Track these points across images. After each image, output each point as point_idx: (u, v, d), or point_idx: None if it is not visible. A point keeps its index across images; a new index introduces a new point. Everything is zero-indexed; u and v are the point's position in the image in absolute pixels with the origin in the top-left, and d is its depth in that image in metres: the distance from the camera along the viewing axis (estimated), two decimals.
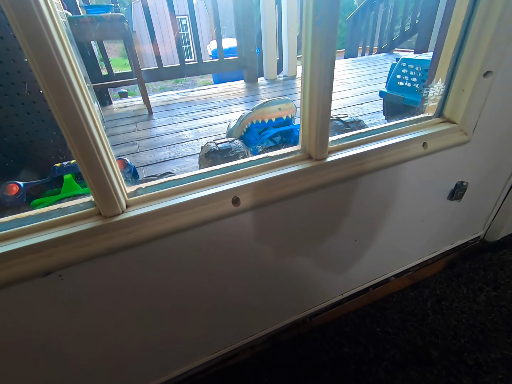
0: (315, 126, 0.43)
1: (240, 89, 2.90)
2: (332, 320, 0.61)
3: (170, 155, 1.56)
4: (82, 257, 0.33)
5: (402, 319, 0.59)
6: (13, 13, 0.24)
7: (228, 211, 0.39)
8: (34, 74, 0.29)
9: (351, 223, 0.53)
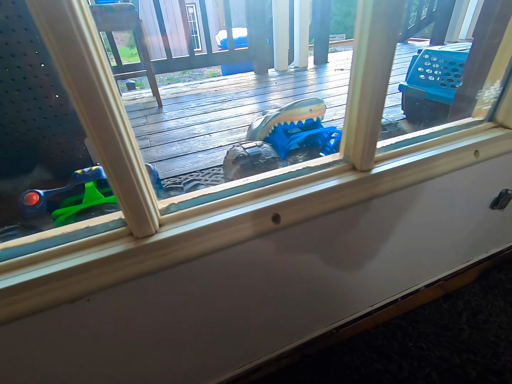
0: (364, 132, 0.38)
1: (250, 81, 2.83)
2: (361, 333, 0.58)
3: (182, 150, 1.53)
4: (113, 282, 0.30)
5: (436, 333, 0.55)
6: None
7: (268, 229, 0.36)
8: (59, 72, 0.26)
9: (392, 236, 0.49)
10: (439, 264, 0.62)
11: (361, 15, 0.30)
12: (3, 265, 0.27)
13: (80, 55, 0.24)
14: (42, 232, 0.31)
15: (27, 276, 0.27)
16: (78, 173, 0.49)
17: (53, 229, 0.31)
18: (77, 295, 0.29)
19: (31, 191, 0.44)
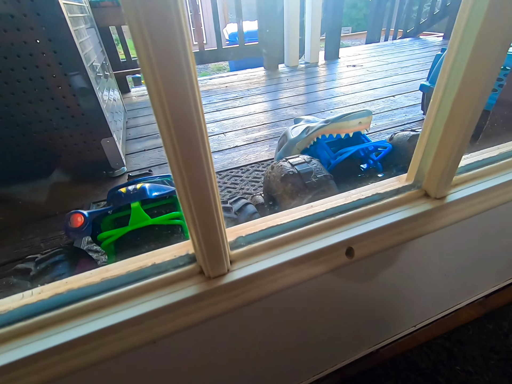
0: (448, 156, 0.33)
1: (260, 77, 2.78)
2: (404, 353, 0.56)
3: None
4: (183, 326, 0.28)
5: (483, 356, 0.53)
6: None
7: (341, 264, 0.33)
8: (157, 115, 0.24)
9: (454, 259, 0.47)
10: (482, 282, 0.60)
11: (468, 11, 0.24)
12: (70, 311, 0.25)
13: (186, 98, 0.21)
14: (104, 269, 0.28)
15: (98, 324, 0.25)
16: (123, 192, 0.47)
17: (115, 265, 0.29)
18: (144, 341, 0.27)
19: (75, 212, 0.42)
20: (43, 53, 0.97)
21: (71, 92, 1.06)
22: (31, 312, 0.25)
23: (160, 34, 0.19)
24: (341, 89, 2.23)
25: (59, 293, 0.26)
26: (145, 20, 0.18)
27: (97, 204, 1.14)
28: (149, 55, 0.20)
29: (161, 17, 0.19)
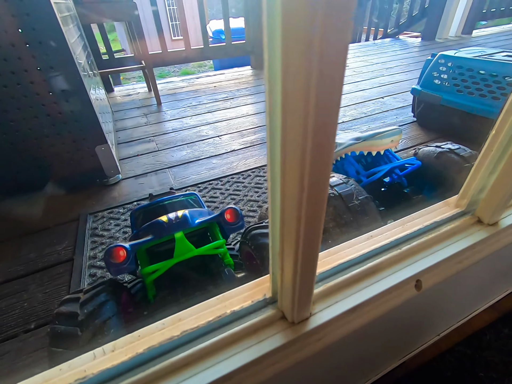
0: (510, 184, 0.34)
1: (248, 77, 2.76)
2: (429, 362, 0.58)
3: (193, 155, 1.47)
4: (270, 376, 0.27)
5: (503, 362, 0.56)
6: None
7: (410, 297, 0.33)
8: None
9: (487, 276, 0.49)
10: (498, 287, 0.63)
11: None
12: (155, 372, 0.23)
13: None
14: (176, 318, 0.26)
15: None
16: (165, 221, 0.43)
17: (187, 313, 0.27)
18: None
19: (116, 246, 0.39)
20: (33, 56, 0.90)
21: (63, 97, 1.00)
22: (109, 375, 0.23)
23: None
24: None
25: (140, 352, 0.24)
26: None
27: (94, 215, 1.09)
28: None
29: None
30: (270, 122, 0.20)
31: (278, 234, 0.22)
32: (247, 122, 1.79)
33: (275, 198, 0.22)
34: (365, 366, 0.47)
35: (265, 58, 0.18)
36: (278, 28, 0.15)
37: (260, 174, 1.27)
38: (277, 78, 0.17)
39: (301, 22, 0.14)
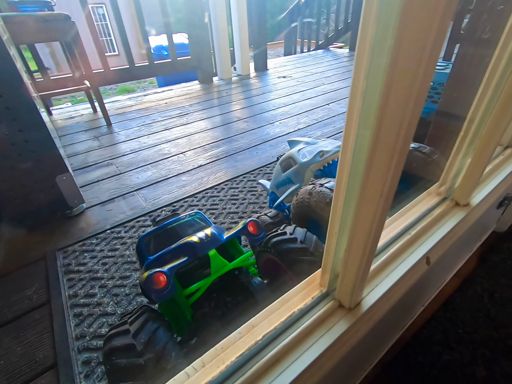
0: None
1: (198, 91, 2.77)
2: (419, 330, 0.67)
3: (160, 174, 1.44)
4: (339, 359, 0.30)
5: (473, 317, 0.68)
6: None
7: (424, 270, 0.40)
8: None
9: (462, 250, 0.59)
10: (461, 256, 0.75)
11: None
12: (254, 372, 0.24)
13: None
14: (250, 325, 0.28)
15: (289, 375, 0.25)
16: (197, 242, 0.43)
17: (258, 318, 0.29)
18: (319, 378, 0.28)
19: (155, 272, 0.37)
20: None
21: (16, 126, 0.91)
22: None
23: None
24: (280, 100, 2.39)
25: (234, 361, 0.26)
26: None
27: (64, 250, 1.00)
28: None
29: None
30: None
31: (347, 233, 0.27)
32: (208, 137, 1.81)
33: (352, 186, 0.24)
34: (384, 339, 0.53)
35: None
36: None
37: (233, 186, 1.30)
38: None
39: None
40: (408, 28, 0.17)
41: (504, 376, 0.58)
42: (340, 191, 0.25)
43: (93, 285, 0.87)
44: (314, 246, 0.46)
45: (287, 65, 3.64)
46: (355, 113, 0.22)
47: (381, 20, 0.18)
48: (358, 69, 0.20)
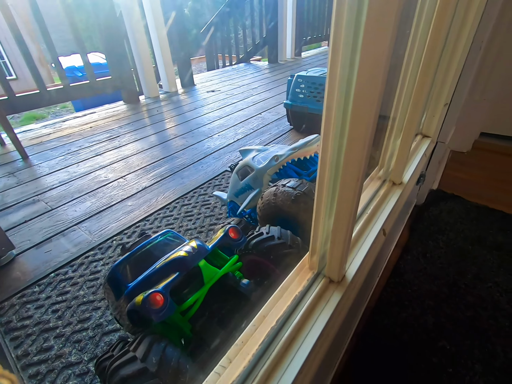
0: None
1: (125, 112, 2.64)
2: (380, 297, 0.77)
3: (101, 202, 1.33)
4: (340, 323, 0.34)
5: (415, 276, 0.82)
6: None
7: (383, 240, 0.47)
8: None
9: (398, 224, 0.71)
10: (398, 228, 0.89)
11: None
12: (276, 354, 0.26)
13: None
14: (261, 316, 0.29)
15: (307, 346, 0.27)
16: (185, 256, 0.41)
17: (266, 310, 0.30)
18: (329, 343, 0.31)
19: (151, 292, 0.34)
20: None
21: None
22: (243, 379, 0.25)
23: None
24: (214, 114, 2.44)
25: (257, 349, 0.27)
26: None
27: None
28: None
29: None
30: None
31: (332, 216, 0.31)
32: (147, 157, 1.75)
33: (336, 166, 0.29)
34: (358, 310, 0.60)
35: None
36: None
37: (185, 203, 1.28)
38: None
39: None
40: (368, 47, 0.22)
41: (447, 318, 0.71)
42: (323, 182, 0.30)
43: (47, 338, 0.77)
44: (290, 239, 0.51)
45: (213, 79, 3.72)
46: (332, 119, 0.27)
47: (348, 43, 0.23)
48: (331, 83, 0.26)
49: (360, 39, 0.23)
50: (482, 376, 0.60)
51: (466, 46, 0.72)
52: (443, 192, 1.17)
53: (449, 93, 0.80)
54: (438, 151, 0.99)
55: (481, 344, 0.66)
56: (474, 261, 0.86)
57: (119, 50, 2.72)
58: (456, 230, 0.98)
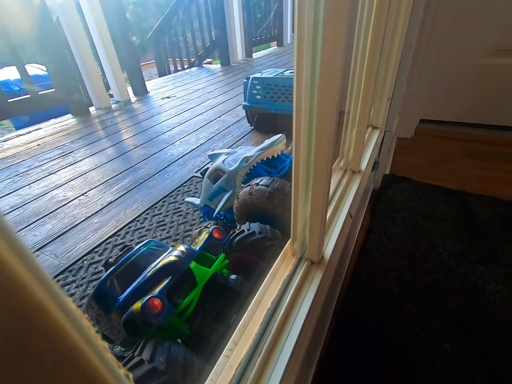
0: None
1: (76, 125, 2.50)
2: (351, 277, 0.85)
3: (63, 223, 1.26)
4: (323, 299, 0.38)
5: (380, 253, 0.91)
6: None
7: (350, 222, 0.52)
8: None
9: (359, 210, 0.79)
10: (360, 213, 0.99)
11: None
12: (275, 330, 0.29)
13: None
14: (255, 305, 0.32)
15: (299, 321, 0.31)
16: (176, 260, 0.42)
17: (259, 297, 0.33)
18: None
19: (148, 298, 0.34)
20: None
21: None
22: (249, 356, 0.28)
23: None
24: (173, 120, 2.41)
25: (258, 329, 0.30)
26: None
27: None
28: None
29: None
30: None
31: (309, 204, 0.36)
32: (107, 171, 1.68)
33: (308, 159, 0.34)
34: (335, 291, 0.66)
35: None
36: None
37: (156, 213, 1.27)
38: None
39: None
40: (328, 48, 0.27)
41: (409, 285, 0.81)
42: (299, 175, 0.35)
43: None
44: (270, 232, 0.55)
45: (167, 85, 3.65)
46: (302, 119, 0.31)
47: (309, 49, 0.28)
48: (298, 88, 0.30)
49: (320, 44, 0.27)
50: (443, 329, 0.70)
51: (399, 47, 0.82)
52: (394, 175, 1.30)
53: (390, 88, 0.90)
54: (386, 140, 1.10)
55: (439, 303, 0.76)
56: (426, 233, 0.98)
57: (60, 59, 2.55)
58: (409, 208, 1.10)
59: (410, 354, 0.66)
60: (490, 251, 0.90)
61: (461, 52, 1.50)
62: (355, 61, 0.55)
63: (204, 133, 2.09)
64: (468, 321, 0.72)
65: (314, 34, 0.27)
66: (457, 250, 0.91)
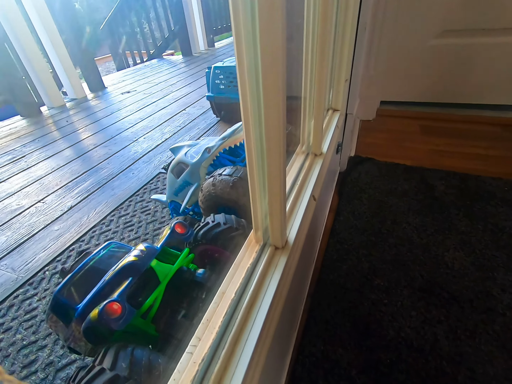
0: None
1: (26, 127, 2.31)
2: (323, 259, 0.87)
3: (19, 234, 1.17)
4: (289, 282, 0.37)
5: (348, 233, 0.94)
6: None
7: (314, 205, 0.53)
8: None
9: (325, 199, 0.79)
10: (328, 198, 1.00)
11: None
12: (240, 319, 0.28)
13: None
14: (220, 295, 0.31)
15: (266, 304, 0.30)
16: (135, 260, 0.39)
17: (223, 288, 0.32)
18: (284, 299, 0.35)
19: (106, 303, 0.31)
20: None
21: None
22: (213, 350, 0.27)
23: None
24: (135, 116, 2.30)
25: (222, 321, 0.29)
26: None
27: None
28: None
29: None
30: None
31: (266, 194, 0.35)
32: (66, 174, 1.58)
33: (260, 146, 0.32)
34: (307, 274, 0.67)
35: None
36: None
37: (122, 214, 1.21)
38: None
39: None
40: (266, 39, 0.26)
41: (377, 260, 0.84)
42: (253, 165, 0.34)
43: None
44: (235, 222, 0.54)
45: (126, 79, 3.46)
46: (248, 107, 0.30)
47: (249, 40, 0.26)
48: (241, 73, 0.28)
49: (257, 29, 0.26)
50: (409, 298, 0.74)
51: (352, 28, 0.83)
52: (359, 157, 1.34)
53: (347, 70, 0.91)
54: (349, 122, 1.13)
55: (404, 273, 0.80)
56: (390, 209, 1.03)
57: (1, 57, 2.32)
58: (373, 187, 1.14)
59: (381, 325, 0.69)
60: (447, 220, 0.96)
61: (413, 33, 1.56)
62: (307, 45, 0.55)
63: (169, 127, 2.02)
64: (431, 287, 0.77)
65: (252, 19, 0.26)
66: (419, 222, 0.96)
